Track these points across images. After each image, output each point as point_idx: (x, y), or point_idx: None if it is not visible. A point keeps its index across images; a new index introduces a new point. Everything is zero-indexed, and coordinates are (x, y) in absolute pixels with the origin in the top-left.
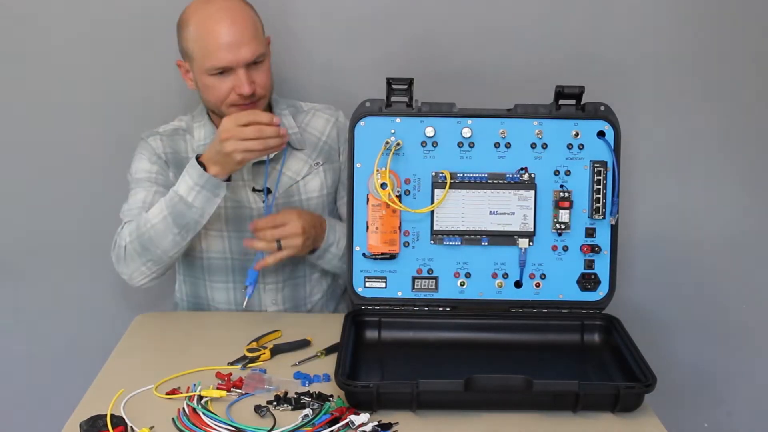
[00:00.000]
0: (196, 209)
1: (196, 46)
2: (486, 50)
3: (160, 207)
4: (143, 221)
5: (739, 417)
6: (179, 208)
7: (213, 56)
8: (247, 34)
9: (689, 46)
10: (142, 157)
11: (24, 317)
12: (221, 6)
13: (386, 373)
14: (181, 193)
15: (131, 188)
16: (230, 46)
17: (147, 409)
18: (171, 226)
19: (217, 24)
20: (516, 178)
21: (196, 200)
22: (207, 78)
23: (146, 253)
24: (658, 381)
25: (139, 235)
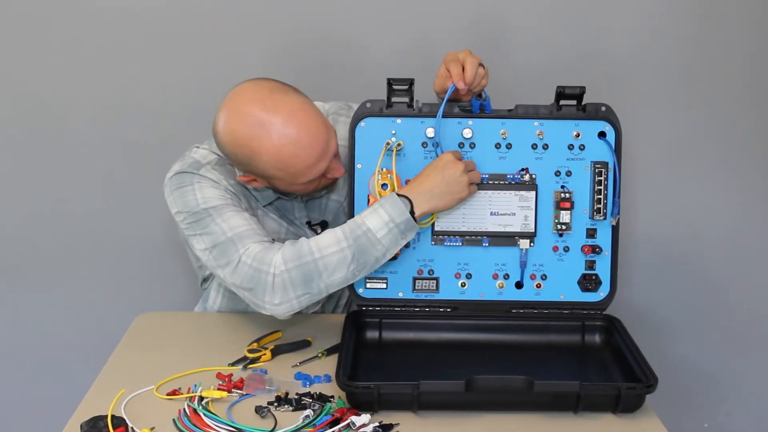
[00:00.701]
0: (382, 247)
1: (282, 173)
2: (486, 50)
3: (336, 237)
4: (308, 249)
5: (739, 417)
6: (363, 243)
7: (307, 173)
8: (323, 130)
9: (690, 46)
10: (202, 186)
11: (24, 317)
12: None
13: (387, 374)
14: (370, 227)
15: (206, 217)
16: (320, 156)
17: (148, 409)
18: (349, 261)
19: (297, 146)
20: (517, 179)
21: (385, 238)
22: (298, 186)
23: (307, 285)
24: (658, 381)
25: (302, 264)
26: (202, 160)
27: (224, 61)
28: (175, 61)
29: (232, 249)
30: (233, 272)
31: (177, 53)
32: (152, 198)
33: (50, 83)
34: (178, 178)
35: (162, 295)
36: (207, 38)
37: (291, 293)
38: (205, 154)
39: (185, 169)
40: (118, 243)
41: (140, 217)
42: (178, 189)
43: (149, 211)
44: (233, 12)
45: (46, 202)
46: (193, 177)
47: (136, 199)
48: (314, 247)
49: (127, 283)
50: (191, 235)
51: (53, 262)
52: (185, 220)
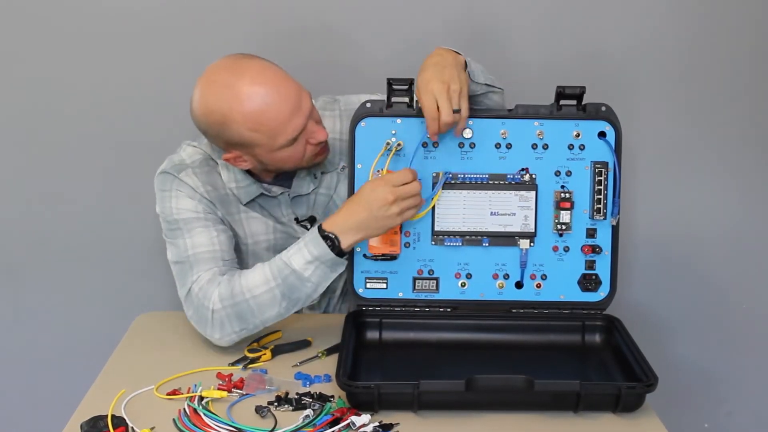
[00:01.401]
0: (311, 284)
1: (257, 135)
2: (486, 50)
3: (264, 277)
4: (240, 289)
5: (739, 417)
6: (291, 281)
7: (284, 131)
8: (294, 89)
9: (690, 46)
10: (179, 194)
11: (24, 317)
12: (252, 79)
13: (387, 374)
14: (295, 267)
15: (176, 229)
16: (293, 111)
17: (148, 409)
18: (279, 299)
19: (267, 102)
20: (517, 179)
21: (313, 275)
22: (280, 152)
23: (241, 323)
24: (658, 380)
25: (235, 304)
26: (187, 159)
27: None
28: (174, 60)
29: (188, 272)
30: (186, 297)
31: (175, 52)
32: (152, 197)
33: (51, 83)
34: (161, 179)
35: (162, 295)
36: (205, 37)
37: (228, 328)
38: (192, 152)
39: (168, 170)
40: (118, 243)
41: (140, 217)
42: (160, 192)
43: (149, 210)
44: (232, 10)
45: (46, 202)
46: (173, 182)
47: (136, 199)
48: (245, 287)
49: (127, 283)
50: (166, 239)
51: (53, 261)
52: (163, 223)
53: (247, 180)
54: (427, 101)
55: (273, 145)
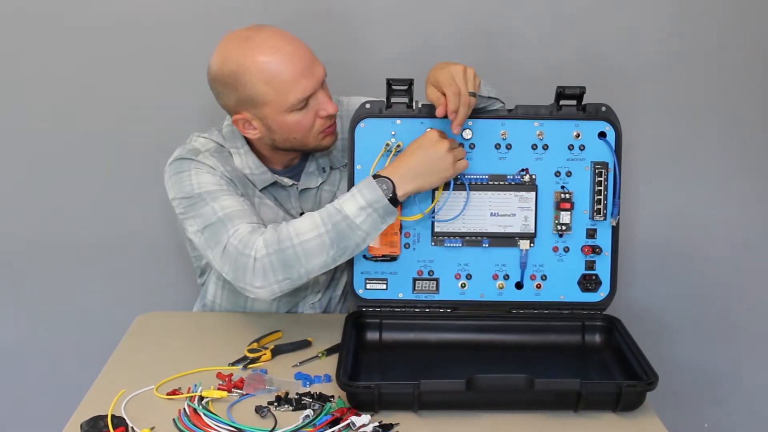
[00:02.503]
0: (362, 232)
1: (269, 88)
2: (486, 50)
3: (314, 222)
4: (287, 234)
5: (739, 417)
6: (342, 228)
7: (294, 89)
8: (309, 52)
9: (691, 47)
10: (199, 171)
11: (24, 317)
12: (270, 36)
13: (387, 374)
14: (347, 212)
15: (199, 201)
16: (306, 71)
17: (148, 409)
18: (327, 246)
19: (282, 55)
20: (517, 180)
21: (364, 223)
22: (289, 116)
23: (287, 271)
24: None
25: (281, 250)
26: (201, 147)
27: None
28: (175, 61)
29: (222, 230)
30: (222, 254)
31: (176, 53)
32: (153, 198)
33: (51, 83)
34: (176, 165)
35: (162, 295)
36: (207, 39)
37: (272, 278)
38: (205, 142)
39: (184, 156)
40: (118, 243)
41: (140, 217)
42: (176, 175)
43: (149, 211)
44: (232, 11)
45: (46, 202)
46: (191, 163)
47: (137, 199)
48: (293, 233)
49: (127, 283)
50: (185, 219)
51: (53, 262)
52: (180, 204)
53: (261, 168)
54: (445, 78)
55: (282, 104)
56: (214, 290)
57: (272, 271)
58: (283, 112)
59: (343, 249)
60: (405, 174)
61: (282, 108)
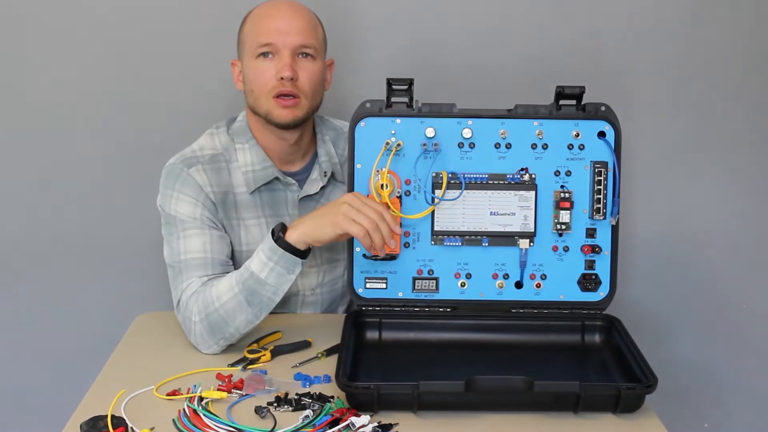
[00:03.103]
0: (270, 287)
1: (249, 31)
2: (486, 50)
3: (230, 283)
4: (210, 299)
5: (739, 417)
6: (251, 285)
7: (262, 34)
8: (300, 24)
9: (690, 46)
10: (181, 197)
11: (24, 317)
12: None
13: (387, 374)
14: (253, 269)
15: (173, 227)
16: (280, 29)
17: (147, 409)
18: (244, 305)
19: (273, 8)
20: (516, 179)
21: (269, 277)
22: (253, 62)
23: (218, 333)
24: (658, 381)
25: (208, 315)
26: (198, 152)
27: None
28: (175, 61)
29: (179, 278)
30: (177, 309)
31: (176, 54)
32: (152, 198)
33: (50, 83)
34: (168, 172)
35: (162, 295)
36: (207, 40)
37: (210, 340)
38: (204, 145)
39: (177, 163)
40: (118, 243)
41: (140, 217)
42: (164, 186)
43: (149, 210)
44: (232, 11)
45: (46, 202)
46: (177, 179)
47: (136, 199)
48: (215, 296)
49: (127, 283)
50: (163, 233)
51: (53, 262)
52: (162, 216)
53: (266, 162)
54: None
55: (252, 45)
56: None
57: (208, 334)
58: (251, 57)
59: (258, 304)
60: (300, 220)
61: (250, 51)
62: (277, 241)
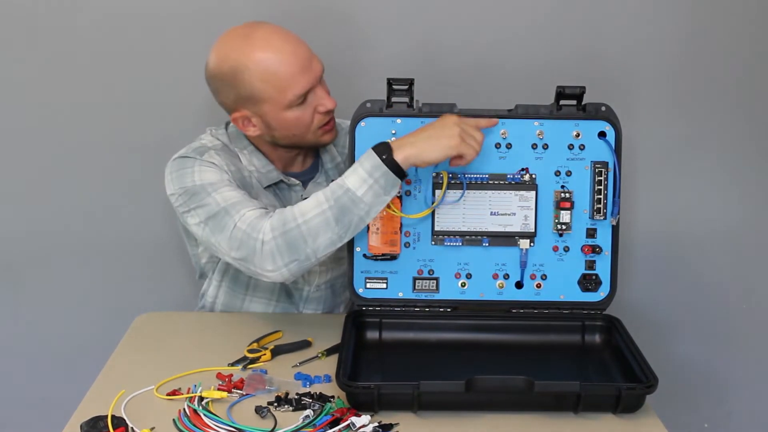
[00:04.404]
0: (365, 205)
1: (267, 86)
2: (486, 50)
3: (317, 200)
4: (291, 215)
5: (739, 417)
6: (344, 202)
7: (293, 85)
8: (306, 48)
9: (690, 46)
10: (203, 168)
11: (24, 317)
12: (267, 33)
13: (387, 374)
14: (349, 185)
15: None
16: (304, 67)
17: (148, 410)
18: (331, 223)
19: (280, 52)
20: (517, 179)
21: (366, 195)
22: (288, 113)
23: (293, 252)
24: (658, 381)
25: (286, 232)
26: (208, 144)
27: None
28: (175, 61)
29: (226, 217)
30: (229, 238)
31: (176, 54)
32: (153, 198)
33: (50, 83)
34: (179, 162)
35: (162, 295)
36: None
37: (279, 261)
38: (212, 139)
39: (189, 154)
40: (118, 243)
41: (140, 217)
42: (178, 171)
43: (150, 211)
44: (233, 11)
45: (46, 203)
46: (194, 161)
47: (137, 199)
48: (297, 213)
49: (127, 283)
50: (185, 212)
51: (53, 262)
52: (180, 198)
53: (268, 166)
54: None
55: (281, 101)
56: (214, 293)
57: (279, 254)
58: (282, 109)
59: (347, 224)
60: (406, 140)
61: (281, 105)
62: (383, 160)
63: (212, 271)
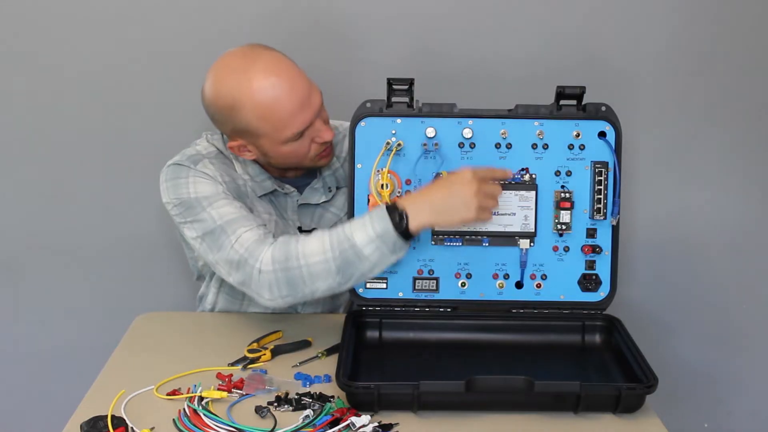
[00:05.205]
0: (369, 264)
1: (265, 124)
2: (486, 50)
3: (322, 246)
4: (295, 253)
5: (739, 417)
6: (349, 256)
7: (291, 124)
8: (304, 83)
9: (690, 46)
10: (197, 179)
11: (24, 317)
12: (266, 67)
13: (387, 374)
14: (356, 242)
15: (197, 207)
16: (302, 105)
17: (148, 409)
18: (332, 272)
19: (279, 90)
20: (517, 179)
21: (372, 255)
22: (285, 147)
23: (291, 289)
24: (658, 381)
25: (288, 269)
26: (203, 151)
27: None
28: (175, 61)
29: (222, 236)
30: (226, 261)
31: (174, 54)
32: (152, 198)
33: (51, 83)
34: (173, 170)
35: (161, 296)
36: (205, 39)
37: (276, 292)
38: (207, 145)
39: (183, 162)
40: (117, 243)
41: (140, 218)
42: (172, 180)
43: (149, 211)
44: (233, 12)
45: (46, 203)
46: (189, 171)
47: (137, 199)
48: (301, 253)
49: (127, 283)
50: (182, 223)
51: (53, 262)
52: (176, 209)
53: (263, 175)
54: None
55: (279, 138)
56: (213, 299)
57: (277, 286)
58: (279, 144)
59: (348, 276)
60: (422, 206)
61: (278, 141)
62: (393, 219)
63: (210, 277)
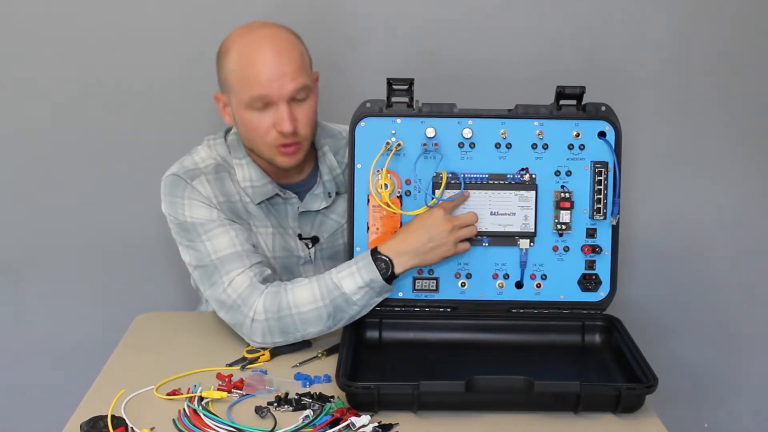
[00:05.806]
0: (357, 307)
1: (235, 77)
2: (486, 50)
3: (313, 295)
4: (286, 303)
5: (739, 417)
6: (339, 303)
7: (253, 86)
8: (291, 66)
9: (690, 46)
10: (193, 202)
11: (24, 317)
12: (265, 33)
13: (387, 374)
14: (345, 290)
15: (193, 233)
16: (272, 77)
17: (148, 410)
18: (323, 318)
19: (259, 52)
20: (517, 179)
21: (360, 300)
22: (246, 113)
23: (284, 334)
24: (658, 381)
25: (281, 318)
26: (201, 163)
27: None
28: (174, 62)
29: (216, 275)
30: (218, 302)
31: (175, 54)
32: (152, 198)
33: (51, 83)
34: (172, 182)
35: (161, 295)
36: (208, 40)
37: (269, 338)
38: (205, 156)
39: (180, 175)
40: (117, 243)
41: (141, 217)
42: (170, 196)
43: (150, 211)
44: (233, 12)
45: (46, 203)
46: (185, 189)
47: (137, 199)
48: (292, 302)
49: (127, 283)
50: (178, 242)
51: (53, 262)
52: (172, 225)
53: (264, 179)
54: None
55: (241, 97)
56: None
57: (270, 333)
58: (242, 107)
59: (339, 320)
60: (404, 253)
61: (241, 101)
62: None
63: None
